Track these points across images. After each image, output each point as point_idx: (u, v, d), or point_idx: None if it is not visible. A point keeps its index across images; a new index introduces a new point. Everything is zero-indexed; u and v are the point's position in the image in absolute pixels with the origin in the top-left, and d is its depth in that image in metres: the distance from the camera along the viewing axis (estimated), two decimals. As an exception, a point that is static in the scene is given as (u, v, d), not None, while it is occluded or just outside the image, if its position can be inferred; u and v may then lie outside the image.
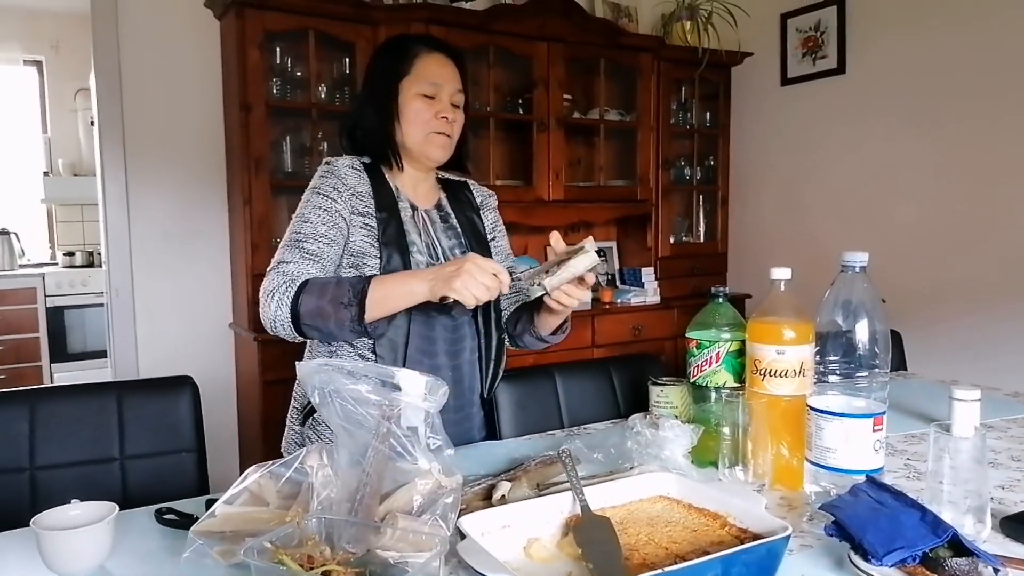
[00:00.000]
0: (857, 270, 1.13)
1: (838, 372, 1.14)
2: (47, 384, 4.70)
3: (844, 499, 1.00)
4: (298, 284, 1.32)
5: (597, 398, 1.66)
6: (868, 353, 1.12)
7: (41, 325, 4.70)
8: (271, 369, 2.59)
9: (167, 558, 1.00)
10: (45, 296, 4.73)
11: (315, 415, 1.45)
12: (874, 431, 1.10)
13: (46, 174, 5.18)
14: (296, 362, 0.93)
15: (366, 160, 1.48)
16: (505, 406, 1.55)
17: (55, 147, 5.27)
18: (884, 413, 1.11)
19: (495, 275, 1.20)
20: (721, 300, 1.31)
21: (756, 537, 0.93)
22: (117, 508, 1.00)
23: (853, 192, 3.36)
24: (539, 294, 1.24)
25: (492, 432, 1.56)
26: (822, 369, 1.16)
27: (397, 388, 0.95)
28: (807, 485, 1.16)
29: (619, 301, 3.45)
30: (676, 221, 3.82)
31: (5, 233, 4.91)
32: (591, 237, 1.27)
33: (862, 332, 1.12)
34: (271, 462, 1.02)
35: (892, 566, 0.86)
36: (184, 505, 1.16)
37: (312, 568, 0.77)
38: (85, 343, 4.81)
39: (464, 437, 1.50)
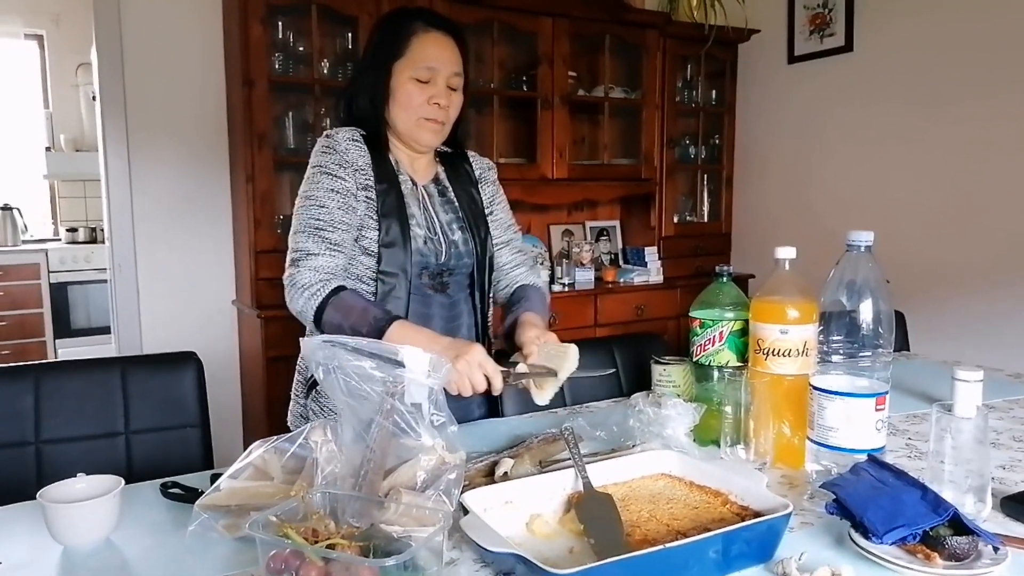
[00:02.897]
0: (863, 249, 1.12)
1: (841, 352, 1.14)
2: (51, 360, 4.72)
3: (845, 478, 1.01)
4: (330, 289, 1.31)
5: (600, 377, 1.66)
6: (872, 333, 1.12)
7: (45, 301, 4.71)
8: (274, 346, 2.60)
9: (172, 531, 1.01)
10: (48, 272, 4.74)
11: (319, 388, 1.45)
12: (876, 411, 1.10)
13: (48, 149, 5.17)
14: (300, 338, 0.93)
15: (364, 132, 1.47)
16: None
17: (57, 122, 5.25)
18: (887, 393, 1.11)
19: (487, 377, 1.20)
20: (725, 280, 1.31)
21: (757, 515, 0.93)
22: (123, 482, 1.01)
23: (858, 172, 3.34)
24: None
25: (493, 410, 1.57)
26: (825, 349, 1.16)
27: (401, 365, 0.95)
28: (808, 464, 1.16)
29: (622, 280, 3.45)
30: (680, 200, 3.81)
31: (7, 209, 4.91)
32: (575, 347, 1.28)
33: (866, 312, 1.12)
34: (275, 437, 1.02)
35: (892, 544, 0.87)
36: (189, 479, 1.17)
37: (317, 542, 0.77)
38: (89, 319, 4.82)
39: (462, 414, 1.50)
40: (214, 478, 1.13)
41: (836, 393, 1.10)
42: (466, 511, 0.91)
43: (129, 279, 2.76)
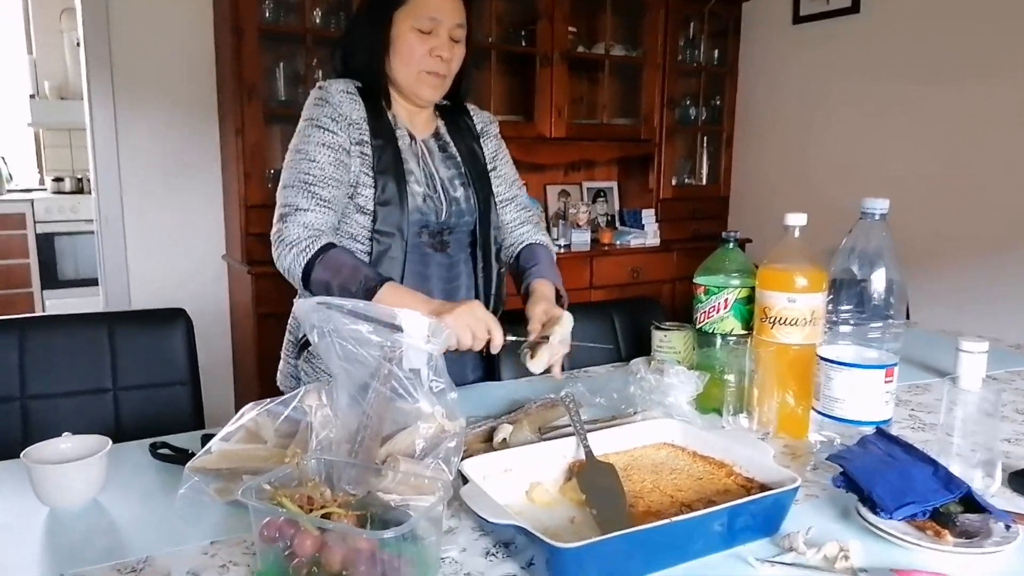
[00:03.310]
0: (877, 217, 1.09)
1: (851, 322, 1.11)
2: (38, 311, 4.66)
3: (852, 450, 0.99)
4: (319, 246, 1.26)
5: (598, 341, 1.64)
6: (883, 303, 1.09)
7: (31, 251, 4.63)
8: (265, 302, 2.56)
9: (161, 494, 0.98)
10: (35, 222, 4.65)
11: (310, 348, 1.42)
12: (885, 382, 1.08)
13: (32, 97, 5.03)
14: (294, 299, 0.89)
15: (359, 84, 1.41)
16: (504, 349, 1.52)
17: (41, 69, 5.09)
18: (896, 365, 1.09)
19: (488, 329, 1.19)
20: (732, 245, 1.27)
21: (763, 487, 0.92)
22: (110, 442, 0.98)
23: (861, 139, 3.29)
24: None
25: (489, 374, 1.54)
26: (834, 318, 1.13)
27: (399, 329, 0.92)
28: (811, 434, 1.15)
29: (618, 243, 3.41)
30: (679, 163, 3.75)
31: (-9, 157, 4.80)
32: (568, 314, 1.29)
33: (878, 281, 1.09)
34: (269, 400, 0.99)
35: (902, 520, 0.85)
36: (179, 439, 1.14)
37: (312, 510, 0.75)
38: (77, 270, 4.74)
39: (458, 376, 1.47)
40: (205, 439, 1.10)
41: (844, 364, 1.08)
42: (465, 479, 0.89)
43: (116, 232, 2.70)
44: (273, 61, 2.76)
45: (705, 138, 3.82)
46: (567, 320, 1.28)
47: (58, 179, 4.96)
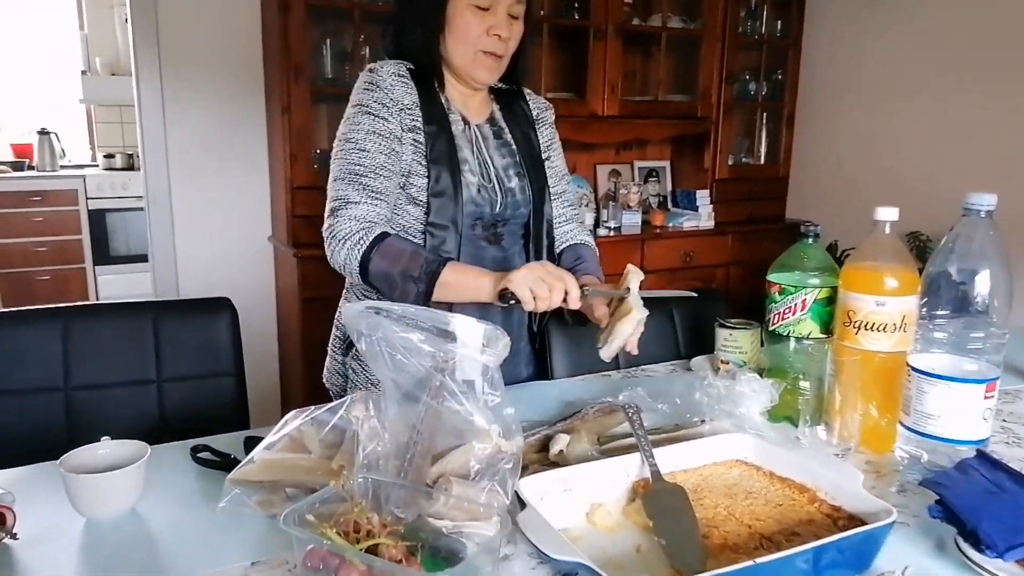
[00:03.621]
0: (983, 214, 0.97)
1: (947, 329, 1.00)
2: (91, 287, 4.75)
3: (951, 476, 0.89)
4: (373, 236, 1.22)
5: (656, 337, 1.55)
6: (985, 309, 0.98)
7: (83, 227, 4.70)
8: (310, 286, 2.52)
9: (202, 502, 0.93)
10: (87, 198, 4.71)
11: None
12: (985, 398, 0.97)
13: (84, 73, 5.08)
14: (341, 303, 0.82)
15: (411, 66, 1.33)
16: (557, 342, 1.45)
17: (92, 45, 5.13)
18: (998, 378, 0.98)
19: (564, 286, 1.14)
20: (811, 240, 1.17)
21: (851, 517, 0.83)
22: (149, 449, 0.93)
23: (944, 121, 3.05)
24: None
25: (541, 369, 1.47)
26: (928, 325, 1.02)
27: (452, 337, 0.84)
28: (896, 449, 1.05)
29: (671, 225, 3.29)
30: (736, 141, 3.59)
31: (45, 133, 4.86)
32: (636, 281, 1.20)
33: (982, 285, 0.98)
34: (314, 408, 0.93)
35: (1012, 562, 0.76)
36: (222, 441, 1.09)
37: (358, 538, 0.68)
38: (128, 246, 4.80)
39: (511, 374, 1.41)
40: (248, 442, 1.06)
41: (940, 377, 0.97)
42: (522, 501, 0.82)
43: (164, 212, 2.69)
44: (320, 38, 2.70)
45: (765, 115, 3.64)
46: (636, 270, 1.21)
47: (109, 155, 5.01)
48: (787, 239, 3.48)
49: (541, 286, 1.11)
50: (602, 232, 3.13)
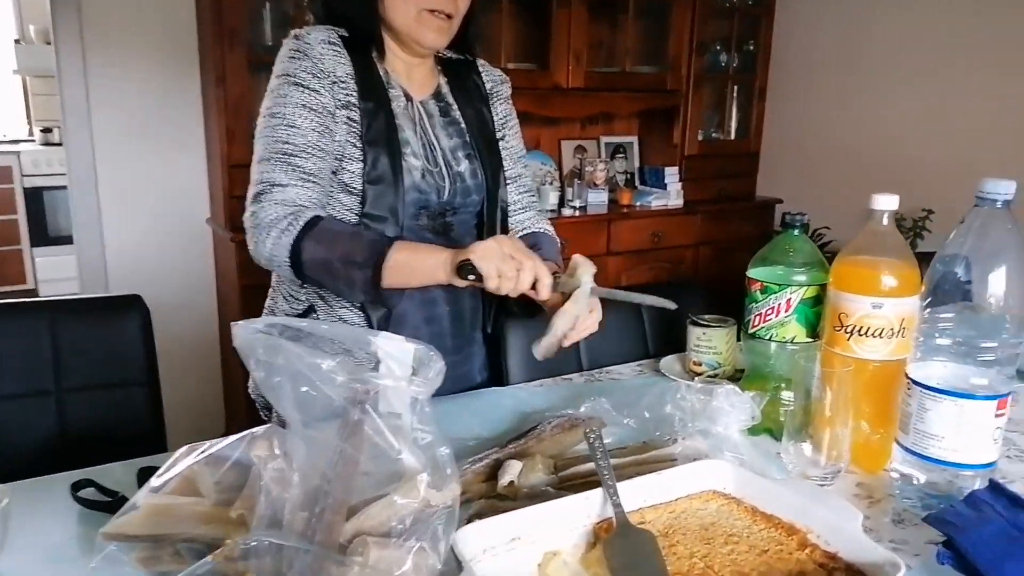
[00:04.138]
0: (999, 204, 0.84)
1: (954, 335, 0.87)
2: (28, 269, 4.48)
3: (961, 513, 0.76)
4: (303, 221, 1.05)
5: (623, 335, 1.41)
6: (1000, 314, 0.85)
7: (19, 206, 4.42)
8: (250, 273, 2.31)
9: (78, 556, 0.77)
10: (22, 175, 4.42)
11: None
12: (996, 417, 0.84)
13: (17, 42, 4.75)
14: (232, 322, 0.66)
15: (344, 33, 1.16)
16: (513, 344, 1.30)
17: (25, 11, 4.80)
18: (1011, 394, 0.85)
19: (536, 269, 0.96)
20: (797, 232, 1.03)
21: (849, 569, 0.69)
22: (7, 498, 0.77)
23: (926, 93, 2.94)
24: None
25: (497, 374, 1.32)
26: (931, 330, 0.89)
27: (374, 360, 0.69)
28: (891, 467, 0.92)
29: (638, 204, 3.14)
30: (706, 115, 3.44)
31: (-26, 106, 4.55)
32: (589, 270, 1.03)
33: (995, 286, 0.85)
34: (209, 443, 0.78)
35: (1044, 627, 0.63)
36: (112, 472, 0.93)
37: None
38: (69, 226, 4.52)
39: (464, 381, 1.26)
40: (142, 474, 0.90)
41: (947, 393, 0.84)
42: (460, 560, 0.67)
43: (88, 192, 2.47)
44: (258, 2, 2.48)
45: (736, 88, 3.50)
46: (584, 260, 1.03)
47: (46, 130, 4.72)
48: (758, 218, 3.35)
49: (509, 264, 0.94)
50: (567, 212, 2.97)
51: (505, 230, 1.28)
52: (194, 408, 2.05)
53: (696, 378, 1.24)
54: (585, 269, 1.02)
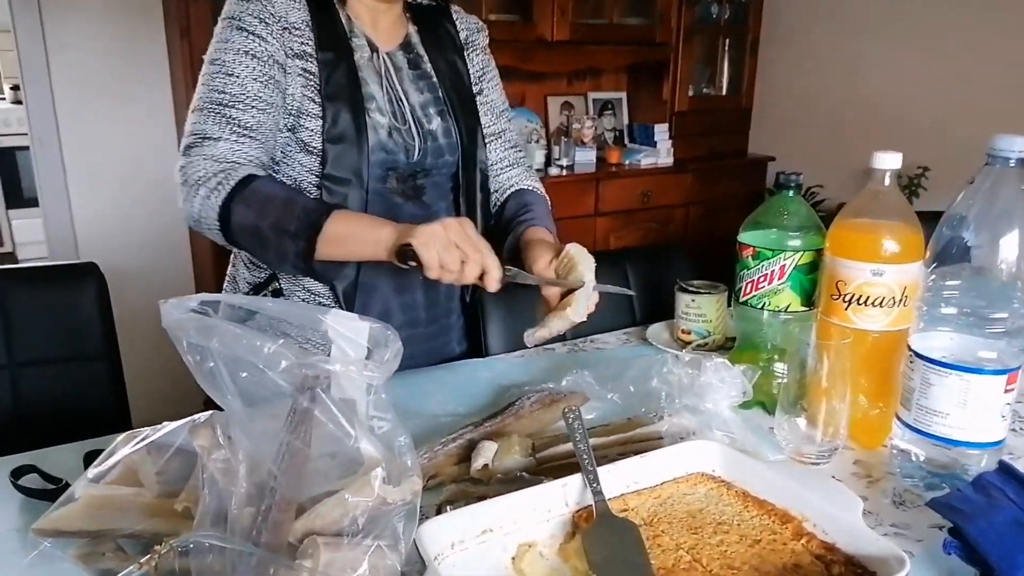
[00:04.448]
0: (1012, 163, 0.77)
1: (960, 304, 0.81)
2: (4, 233, 4.36)
3: (969, 499, 0.71)
4: (235, 181, 0.96)
5: (608, 301, 1.32)
6: (1010, 281, 0.79)
7: (-10, 168, 4.28)
8: (225, 237, 2.24)
9: (17, 551, 0.71)
10: (-8, 135, 4.27)
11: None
12: (1005, 392, 0.79)
13: (-22, -6, 4.54)
14: (161, 301, 0.59)
15: None
16: (492, 313, 1.23)
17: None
18: (1020, 368, 0.79)
19: (482, 261, 0.88)
20: (792, 193, 0.96)
21: (849, 562, 0.64)
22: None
23: (928, 46, 2.84)
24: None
25: (476, 345, 1.25)
26: (933, 299, 0.83)
27: (324, 341, 0.62)
28: (892, 443, 0.87)
29: (627, 162, 3.06)
30: (696, 70, 3.33)
31: (-62, 62, 4.36)
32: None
33: (1007, 250, 0.78)
34: (151, 429, 0.71)
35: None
36: (59, 458, 0.86)
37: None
38: (42, 189, 4.39)
39: (441, 353, 1.20)
40: (89, 459, 0.83)
41: (953, 367, 0.78)
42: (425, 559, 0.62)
43: (52, 152, 2.36)
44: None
45: (727, 41, 3.38)
46: (584, 253, 0.97)
47: (15, 87, 4.53)
48: (749, 176, 3.25)
49: (452, 253, 0.86)
50: (553, 171, 2.88)
51: (485, 194, 1.20)
52: (168, 384, 1.99)
53: (685, 347, 1.18)
54: (586, 266, 0.95)
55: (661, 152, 3.07)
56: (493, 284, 0.89)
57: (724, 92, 3.43)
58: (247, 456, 0.62)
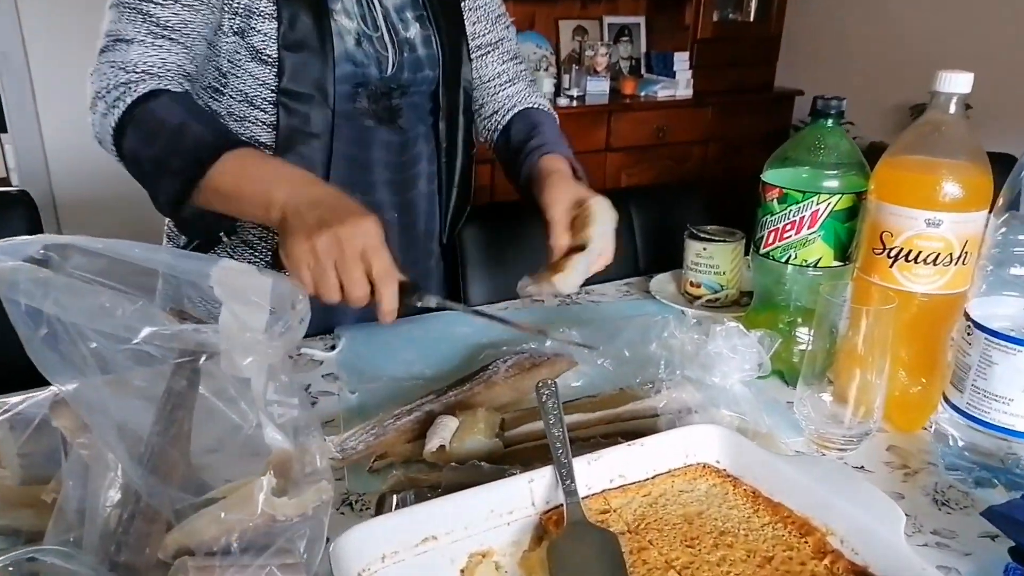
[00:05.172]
0: None
1: (1036, 266, 0.65)
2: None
3: (1036, 510, 0.56)
4: (133, 98, 0.79)
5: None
6: (1103, 238, 0.62)
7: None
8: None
9: None
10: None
11: (221, 246, 0.97)
12: (1087, 375, 0.63)
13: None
14: None
15: None
16: (473, 256, 1.08)
17: None
18: (1107, 344, 0.64)
19: (371, 278, 0.70)
20: (831, 122, 0.78)
21: (885, 592, 0.50)
22: None
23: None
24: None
25: (456, 293, 1.11)
26: (1001, 257, 0.67)
27: (215, 307, 0.47)
28: (933, 430, 0.73)
29: (643, 94, 2.84)
30: (722, -8, 3.07)
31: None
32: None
33: (1103, 201, 0.61)
34: (19, 397, 0.57)
35: None
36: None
37: None
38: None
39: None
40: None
41: (1021, 343, 0.63)
42: (339, 579, 0.48)
43: (19, 71, 2.18)
44: None
45: (757, -40, 3.11)
46: (604, 211, 0.83)
47: None
48: (775, 112, 2.98)
49: (328, 275, 0.68)
50: (563, 101, 2.68)
51: (468, 118, 1.04)
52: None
53: (692, 303, 1.03)
54: (599, 230, 0.81)
55: (680, 83, 2.85)
56: (383, 316, 0.71)
57: (752, 18, 3.16)
58: (113, 444, 0.48)
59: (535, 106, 1.07)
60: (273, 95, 0.89)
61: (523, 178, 0.95)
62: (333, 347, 0.90)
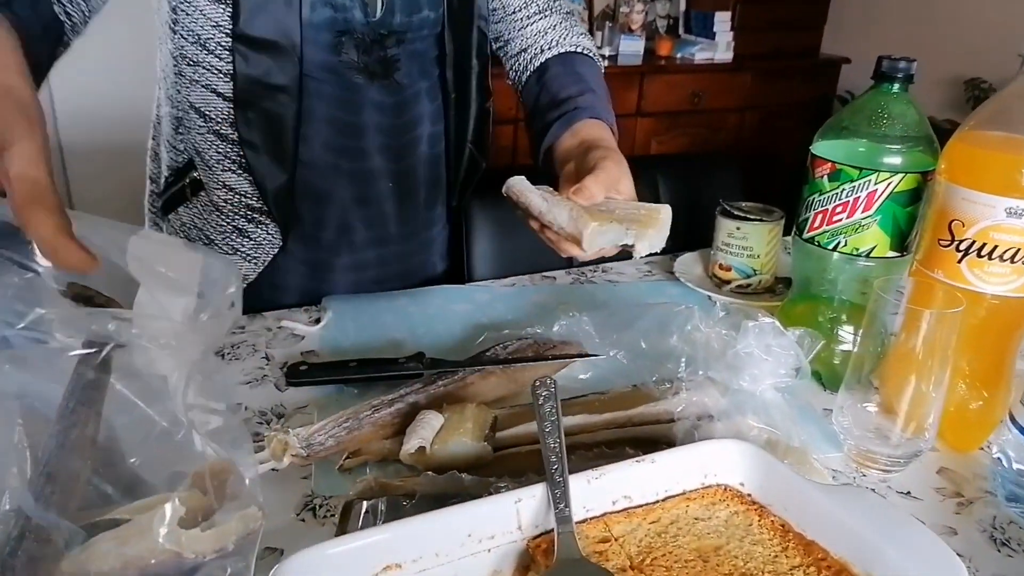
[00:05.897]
0: None
1: None
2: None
3: None
4: None
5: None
6: None
7: None
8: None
9: None
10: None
11: (187, 204, 0.88)
12: None
13: None
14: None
15: None
16: (480, 228, 0.98)
17: None
18: None
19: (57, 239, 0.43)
20: (898, 88, 0.67)
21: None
22: None
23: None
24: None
25: (459, 264, 1.01)
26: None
27: (131, 287, 0.39)
28: (995, 452, 0.63)
29: (679, 56, 2.69)
30: (770, -51, 2.89)
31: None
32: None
33: None
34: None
35: None
36: None
37: None
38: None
39: (419, 274, 0.96)
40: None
41: (1122, 364, 0.52)
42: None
43: None
44: None
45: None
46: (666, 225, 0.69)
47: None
48: (819, 80, 2.79)
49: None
50: (593, 61, 2.54)
51: (483, 61, 0.91)
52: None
53: (721, 287, 0.93)
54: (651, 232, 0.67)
55: (720, 46, 2.69)
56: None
57: (800, -21, 2.98)
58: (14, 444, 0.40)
59: (578, 49, 0.93)
60: (228, 39, 0.77)
61: (547, 142, 0.83)
62: (318, 320, 0.82)
